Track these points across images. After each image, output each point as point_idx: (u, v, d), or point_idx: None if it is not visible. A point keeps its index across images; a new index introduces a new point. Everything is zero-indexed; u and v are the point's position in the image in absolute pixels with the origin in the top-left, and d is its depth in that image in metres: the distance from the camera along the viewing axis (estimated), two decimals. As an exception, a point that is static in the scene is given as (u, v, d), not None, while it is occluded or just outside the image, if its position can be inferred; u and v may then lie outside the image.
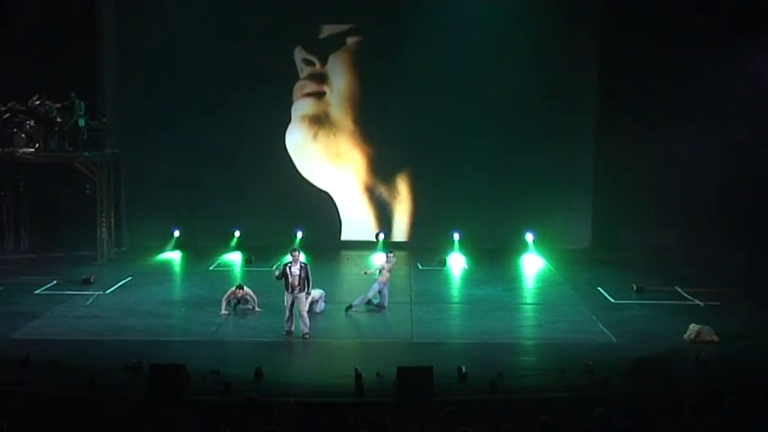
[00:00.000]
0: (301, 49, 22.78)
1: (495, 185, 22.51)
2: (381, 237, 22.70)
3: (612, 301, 17.48)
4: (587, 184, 22.71)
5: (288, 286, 14.59)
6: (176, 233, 22.53)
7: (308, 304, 15.17)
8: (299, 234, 22.19)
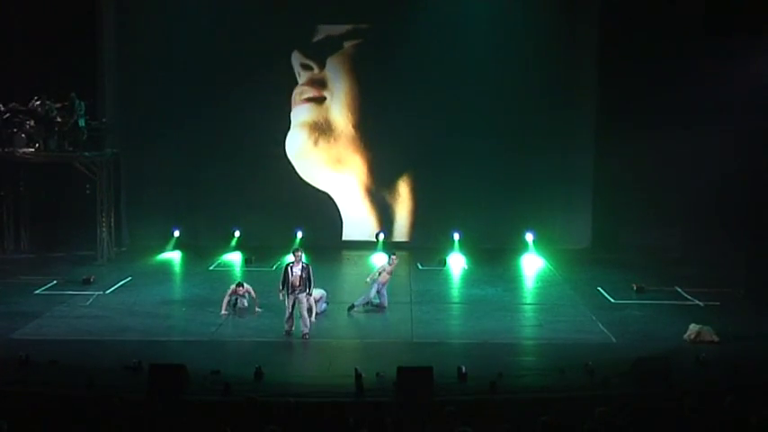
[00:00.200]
0: (298, 53, 22.73)
1: (495, 185, 22.50)
2: (381, 237, 22.69)
3: (612, 301, 17.48)
4: (587, 184, 22.71)
5: (289, 286, 14.59)
6: (176, 233, 22.52)
7: (312, 304, 15.22)
8: (298, 234, 22.19)
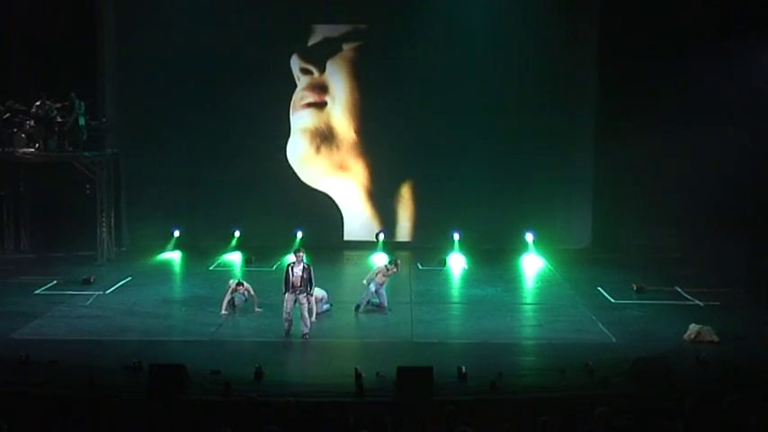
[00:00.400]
0: (297, 58, 22.72)
1: (495, 185, 22.49)
2: (381, 237, 22.68)
3: (612, 301, 17.47)
4: (587, 184, 22.71)
5: (288, 287, 14.58)
6: (176, 233, 22.51)
7: (313, 304, 15.24)
8: (298, 234, 22.18)
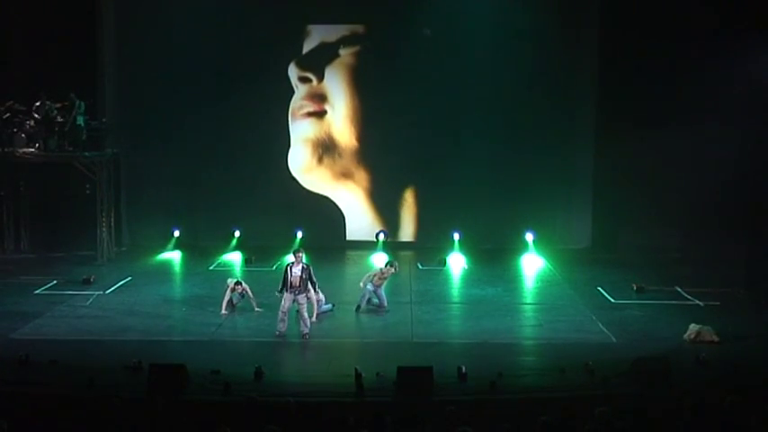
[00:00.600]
0: (295, 66, 22.64)
1: (495, 185, 22.47)
2: (382, 237, 22.66)
3: (612, 301, 17.47)
4: (587, 184, 22.71)
5: (287, 287, 14.57)
6: (176, 233, 22.51)
7: (314, 304, 15.25)
8: (299, 234, 22.17)
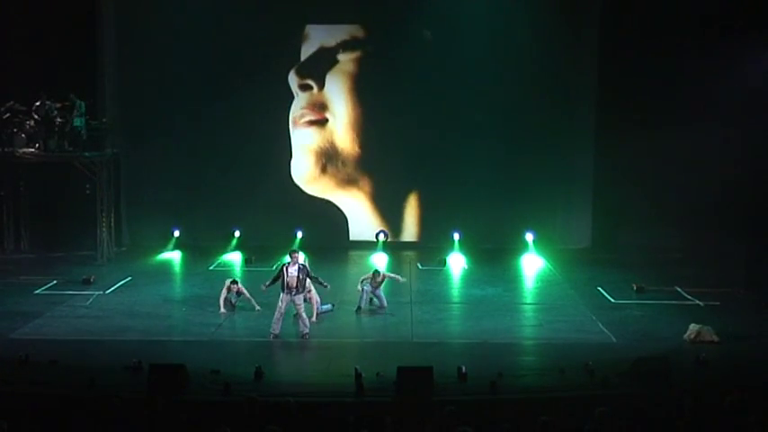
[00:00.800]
0: (295, 74, 22.59)
1: (495, 185, 22.48)
2: (381, 237, 22.66)
3: (612, 301, 17.47)
4: (587, 184, 22.71)
5: (284, 287, 14.55)
6: (176, 233, 22.50)
7: (314, 303, 15.27)
8: (299, 234, 22.17)
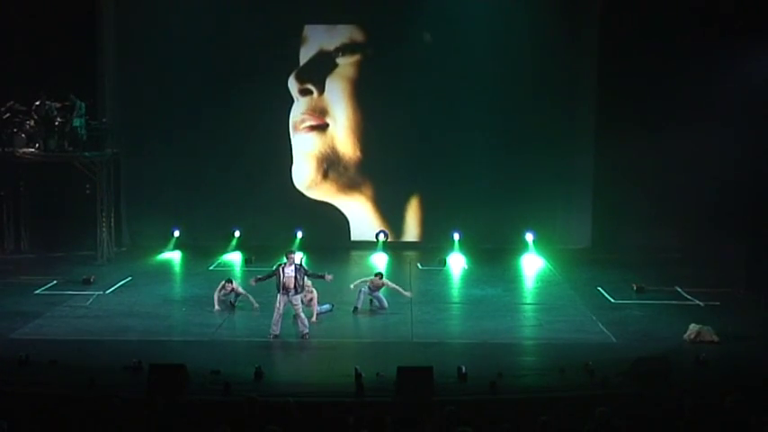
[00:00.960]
0: (295, 79, 22.56)
1: (495, 185, 22.47)
2: (381, 237, 22.65)
3: (612, 301, 17.47)
4: (587, 184, 22.70)
5: (280, 288, 14.50)
6: (176, 233, 22.49)
7: (314, 304, 15.33)
8: (298, 234, 22.17)
